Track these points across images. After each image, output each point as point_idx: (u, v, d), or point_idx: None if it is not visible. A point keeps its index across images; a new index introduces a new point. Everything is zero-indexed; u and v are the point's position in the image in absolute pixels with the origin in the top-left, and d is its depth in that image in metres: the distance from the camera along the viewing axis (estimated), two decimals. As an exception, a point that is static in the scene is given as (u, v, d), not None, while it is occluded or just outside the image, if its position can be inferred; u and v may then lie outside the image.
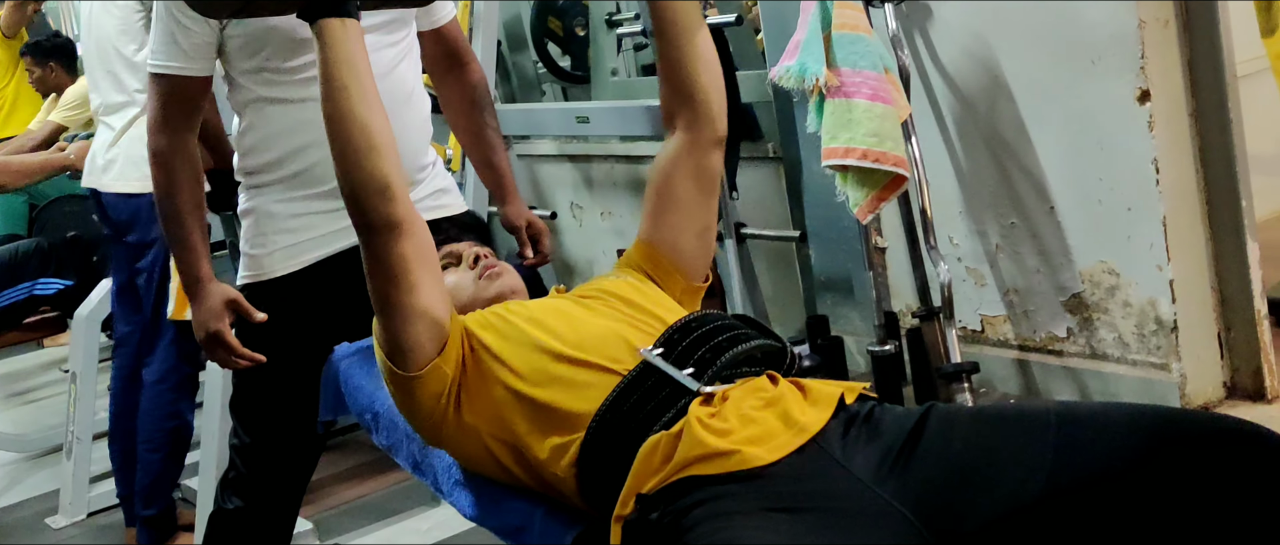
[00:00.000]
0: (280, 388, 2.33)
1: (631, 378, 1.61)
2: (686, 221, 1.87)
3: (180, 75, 2.18)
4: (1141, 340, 2.97)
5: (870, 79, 2.89)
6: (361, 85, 1.68)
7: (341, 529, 3.47)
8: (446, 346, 1.67)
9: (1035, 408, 1.49)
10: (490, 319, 1.76)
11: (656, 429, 1.55)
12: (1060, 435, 1.41)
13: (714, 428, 1.51)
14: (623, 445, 1.56)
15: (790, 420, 1.53)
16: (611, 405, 1.59)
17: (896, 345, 3.22)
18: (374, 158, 1.66)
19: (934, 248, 3.11)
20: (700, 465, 1.49)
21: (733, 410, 1.54)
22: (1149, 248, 2.89)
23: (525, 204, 2.55)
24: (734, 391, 1.58)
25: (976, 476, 1.42)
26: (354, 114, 1.66)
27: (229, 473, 2.43)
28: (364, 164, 1.65)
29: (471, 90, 2.48)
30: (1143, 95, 2.81)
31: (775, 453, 1.49)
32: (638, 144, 4.36)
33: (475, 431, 1.68)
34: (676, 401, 1.57)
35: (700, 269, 1.91)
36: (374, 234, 1.66)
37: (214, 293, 2.22)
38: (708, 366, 1.61)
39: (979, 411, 1.55)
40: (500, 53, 4.71)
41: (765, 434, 1.51)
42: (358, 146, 1.66)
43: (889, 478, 1.45)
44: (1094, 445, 1.39)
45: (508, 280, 1.94)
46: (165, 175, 2.22)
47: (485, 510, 1.79)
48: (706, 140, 1.86)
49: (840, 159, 2.89)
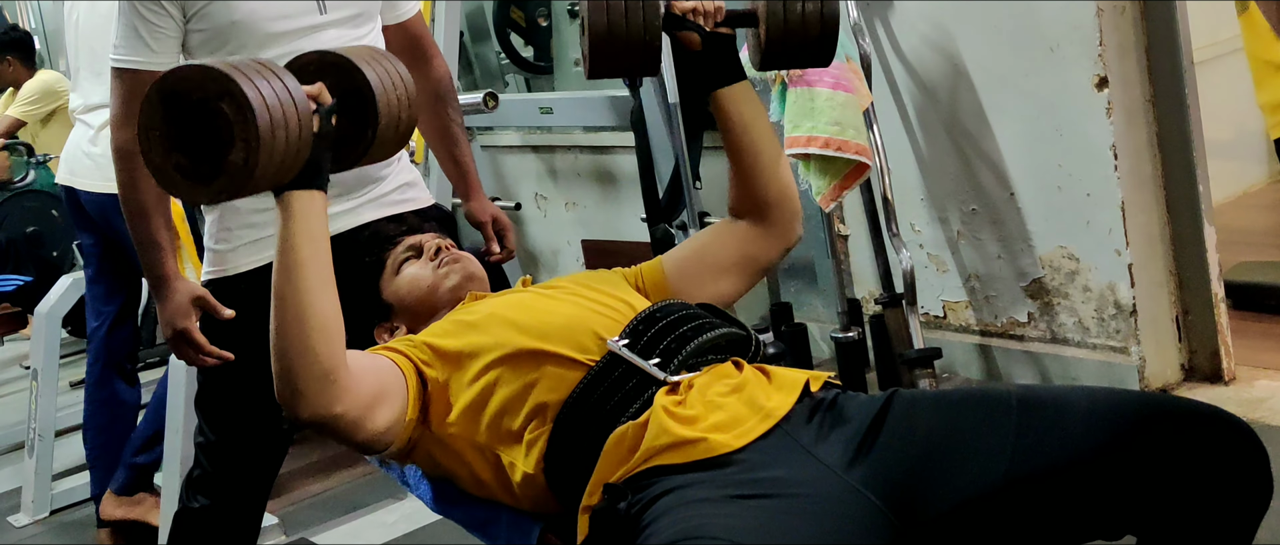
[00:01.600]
0: (245, 384, 2.31)
1: (598, 369, 1.61)
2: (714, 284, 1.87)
3: (143, 70, 2.16)
4: (1101, 324, 3.00)
5: (832, 67, 2.90)
6: (321, 261, 1.56)
7: (307, 523, 3.46)
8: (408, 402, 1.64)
9: (996, 392, 1.50)
10: (449, 328, 1.74)
11: (624, 420, 1.55)
12: (1022, 419, 1.43)
13: (680, 416, 1.52)
14: (590, 437, 1.56)
15: (756, 406, 1.54)
16: (579, 397, 1.59)
17: (860, 331, 3.24)
18: (323, 340, 1.52)
19: (896, 235, 3.13)
20: (667, 454, 1.49)
21: (699, 397, 1.55)
22: (1108, 233, 2.92)
23: (489, 199, 2.54)
24: (700, 379, 1.58)
25: (940, 461, 1.43)
26: (310, 290, 1.53)
27: (194, 471, 2.41)
28: (312, 345, 1.52)
29: (436, 84, 2.47)
30: (1100, 82, 2.84)
31: (742, 439, 1.50)
32: (601, 134, 4.36)
33: (443, 443, 1.67)
34: (644, 392, 1.57)
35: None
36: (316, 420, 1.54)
37: (180, 290, 2.21)
38: (674, 356, 1.61)
39: (941, 396, 1.56)
40: (463, 43, 4.70)
41: (731, 420, 1.52)
42: (309, 325, 1.52)
43: (855, 464, 1.46)
44: (1055, 428, 1.41)
45: (466, 266, 1.93)
46: (128, 172, 2.20)
47: (451, 503, 1.79)
48: (776, 243, 1.87)
49: (803, 147, 2.91)
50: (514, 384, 1.63)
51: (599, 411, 1.57)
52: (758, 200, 1.84)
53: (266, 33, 2.14)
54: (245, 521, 2.44)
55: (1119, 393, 1.49)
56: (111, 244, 3.36)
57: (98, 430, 3.50)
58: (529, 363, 1.63)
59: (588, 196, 4.58)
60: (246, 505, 2.43)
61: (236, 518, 2.42)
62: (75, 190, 3.35)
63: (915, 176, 3.29)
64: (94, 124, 3.29)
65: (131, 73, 2.16)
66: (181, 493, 2.44)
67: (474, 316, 1.74)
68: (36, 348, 3.85)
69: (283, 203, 1.56)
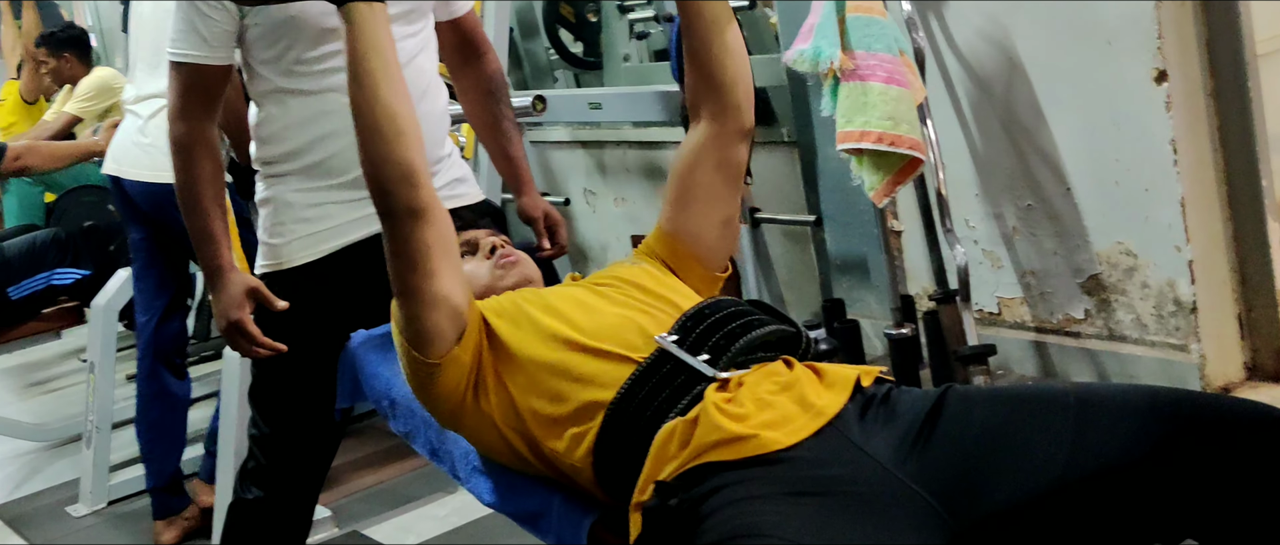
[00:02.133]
0: (298, 377, 2.34)
1: (647, 365, 1.60)
2: (709, 212, 1.87)
3: (200, 64, 2.18)
4: (1160, 321, 2.96)
5: (885, 62, 2.88)
6: (388, 71, 1.67)
7: (359, 516, 3.48)
8: (465, 335, 1.67)
9: (1054, 389, 1.48)
10: (505, 306, 1.76)
11: (672, 416, 1.54)
12: (1080, 417, 1.41)
13: (730, 413, 1.51)
14: (639, 433, 1.55)
15: (806, 404, 1.53)
16: (627, 393, 1.59)
17: (913, 328, 3.22)
18: (400, 144, 1.65)
19: (950, 230, 3.10)
20: (717, 451, 1.48)
21: (748, 395, 1.54)
22: (1167, 228, 2.88)
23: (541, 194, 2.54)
24: (749, 377, 1.57)
25: (995, 458, 1.41)
26: (381, 99, 1.66)
27: (248, 463, 2.43)
28: (390, 150, 1.65)
29: (488, 81, 2.48)
30: (1160, 75, 2.80)
31: (792, 436, 1.49)
32: (651, 130, 4.36)
33: (491, 420, 1.68)
34: (692, 388, 1.57)
35: (720, 259, 1.90)
36: (397, 220, 1.66)
37: (235, 282, 2.23)
38: (722, 352, 1.60)
39: (997, 392, 1.54)
40: (512, 40, 4.71)
41: (782, 418, 1.51)
42: (384, 133, 1.65)
43: (908, 460, 1.44)
44: (1115, 428, 1.39)
45: (524, 269, 1.94)
46: (185, 164, 2.22)
47: (503, 496, 1.80)
48: (733, 131, 1.85)
49: (855, 142, 2.89)
50: (563, 380, 1.63)
51: (648, 407, 1.57)
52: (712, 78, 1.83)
53: (320, 28, 2.16)
54: (298, 513, 2.46)
55: (1181, 392, 1.46)
56: (161, 236, 3.37)
57: (150, 424, 3.53)
58: (579, 359, 1.63)
59: (636, 192, 4.57)
60: (299, 497, 2.45)
61: (289, 509, 2.44)
62: (122, 181, 3.36)
63: (970, 171, 3.26)
64: (144, 114, 3.30)
65: (189, 67, 2.18)
66: (235, 484, 2.46)
67: (526, 309, 1.74)
68: (93, 341, 3.90)
69: (345, 14, 1.67)
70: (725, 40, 1.83)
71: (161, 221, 3.31)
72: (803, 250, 4.00)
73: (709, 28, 1.82)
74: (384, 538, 3.34)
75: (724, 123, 1.85)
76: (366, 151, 1.67)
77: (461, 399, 1.68)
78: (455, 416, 1.71)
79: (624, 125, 4.47)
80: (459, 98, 2.53)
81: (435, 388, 1.68)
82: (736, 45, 1.85)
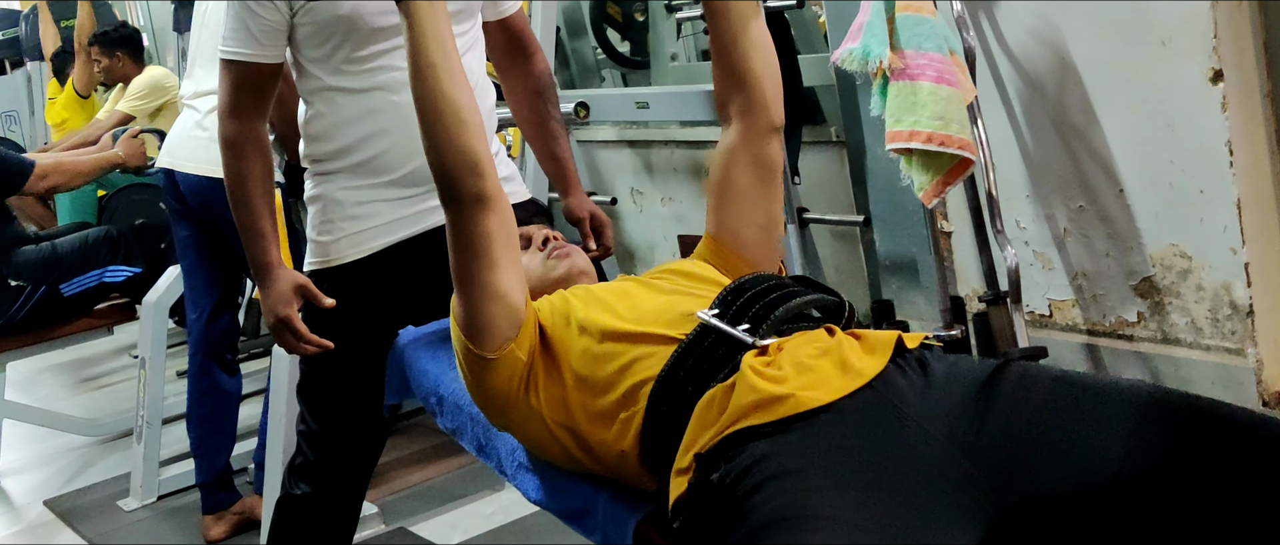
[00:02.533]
0: (346, 374, 2.35)
1: (689, 341, 1.60)
2: (749, 213, 1.86)
3: (251, 62, 2.19)
4: (1215, 325, 2.91)
5: (935, 61, 2.85)
6: (449, 62, 1.69)
7: (406, 513, 3.50)
8: (521, 331, 1.67)
9: (1123, 384, 1.45)
10: (555, 303, 1.76)
11: (713, 385, 1.54)
12: (1144, 416, 1.38)
13: (767, 375, 1.49)
14: (683, 408, 1.54)
15: (846, 366, 1.51)
16: (670, 370, 1.58)
17: (963, 330, 3.18)
18: (464, 132, 1.67)
19: (1001, 231, 3.07)
20: (754, 414, 1.46)
21: (788, 359, 1.52)
22: (1222, 231, 2.83)
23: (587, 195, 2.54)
24: (789, 342, 1.56)
25: (1051, 440, 1.38)
26: (444, 91, 1.67)
27: (296, 459, 2.45)
28: (454, 140, 1.66)
29: (536, 81, 2.48)
30: (1215, 75, 2.76)
31: (830, 394, 1.46)
32: (698, 129, 4.35)
33: (541, 416, 1.68)
34: (733, 357, 1.56)
35: (769, 261, 1.88)
36: (462, 208, 1.66)
37: (283, 278, 2.24)
38: (762, 321, 1.59)
39: (1064, 375, 1.49)
40: (559, 39, 4.72)
41: (820, 380, 1.48)
42: (447, 122, 1.67)
43: (954, 429, 1.41)
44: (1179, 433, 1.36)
45: (576, 261, 1.95)
46: (235, 161, 2.24)
47: (549, 494, 1.80)
48: (762, 128, 1.84)
49: (905, 142, 2.86)
50: (609, 370, 1.63)
51: (691, 381, 1.56)
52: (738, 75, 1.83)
53: (371, 27, 2.17)
54: (345, 509, 2.47)
55: (1257, 415, 1.42)
56: (211, 233, 3.39)
57: (201, 420, 3.56)
58: (624, 345, 1.63)
59: (684, 191, 4.56)
60: (347, 493, 2.46)
61: (337, 505, 2.45)
62: (175, 174, 3.39)
63: (1021, 172, 3.22)
64: (202, 108, 3.33)
65: (240, 64, 2.20)
66: (284, 480, 2.47)
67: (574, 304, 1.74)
68: (144, 337, 3.95)
69: (406, 10, 1.69)
70: (751, 35, 1.82)
71: (210, 219, 3.34)
72: (851, 251, 3.98)
73: (734, 23, 1.82)
74: (430, 535, 3.36)
75: (754, 120, 1.84)
76: (431, 141, 1.68)
77: (514, 395, 1.68)
78: (506, 413, 1.71)
79: (671, 124, 4.47)
80: (506, 98, 2.54)
81: (489, 382, 1.68)
82: (762, 40, 1.84)
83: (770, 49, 1.85)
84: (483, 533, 3.30)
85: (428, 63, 1.67)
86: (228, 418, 3.59)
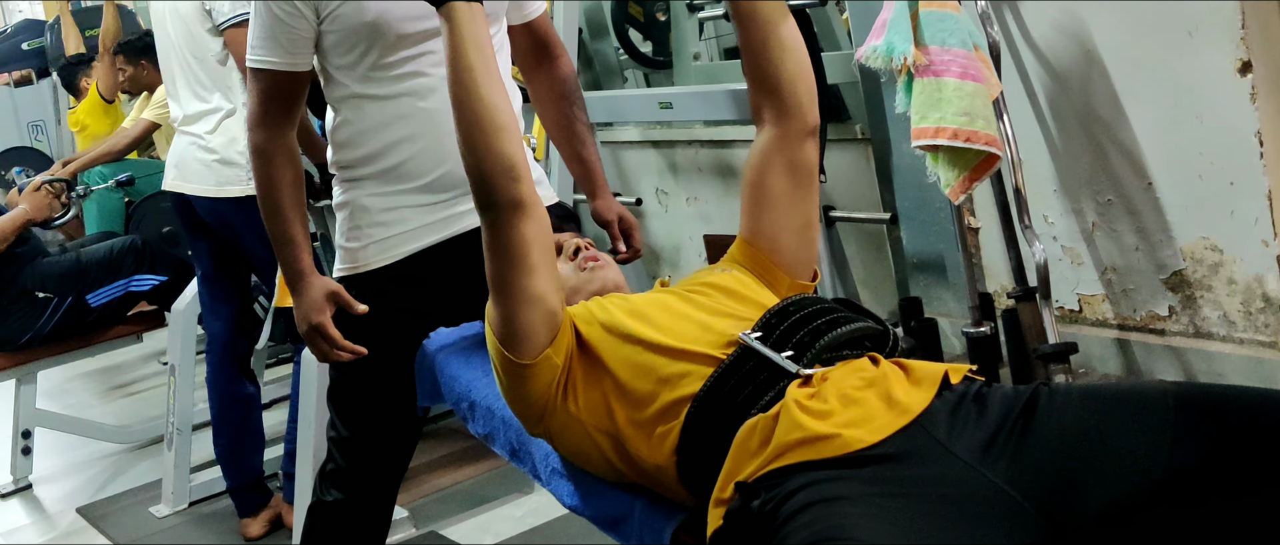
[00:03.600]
0: (376, 379, 2.36)
1: (730, 362, 1.59)
2: (784, 218, 1.84)
3: (280, 70, 2.20)
4: (1248, 318, 2.89)
5: (959, 57, 2.84)
6: (487, 66, 1.69)
7: (437, 516, 3.51)
8: (558, 337, 1.67)
9: (1151, 388, 1.44)
10: (594, 311, 1.75)
11: (755, 412, 1.53)
12: (1178, 417, 1.37)
13: (813, 410, 1.49)
14: (722, 429, 1.54)
15: (892, 401, 1.50)
16: (710, 390, 1.57)
17: (992, 326, 3.17)
18: (501, 137, 1.67)
19: (1028, 227, 3.06)
20: (799, 451, 1.46)
21: (832, 391, 1.51)
22: (1254, 223, 2.81)
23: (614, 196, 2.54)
24: (834, 372, 1.55)
25: (1091, 460, 1.38)
26: (481, 95, 1.67)
27: (327, 465, 2.45)
28: (491, 144, 1.66)
29: (561, 84, 2.48)
30: (1244, 66, 2.73)
31: (876, 434, 1.46)
32: (722, 128, 4.34)
33: (579, 423, 1.67)
34: (775, 384, 1.55)
35: (804, 266, 1.87)
36: (498, 213, 1.66)
37: (315, 286, 2.25)
38: (807, 349, 1.58)
39: (1090, 390, 1.49)
40: (582, 40, 4.72)
41: (866, 416, 1.48)
42: (484, 127, 1.67)
43: (998, 460, 1.41)
44: (1215, 429, 1.35)
45: (609, 274, 1.94)
46: (265, 170, 2.25)
47: (584, 499, 1.79)
48: (797, 132, 1.83)
49: (930, 139, 2.85)
50: (649, 381, 1.62)
51: (730, 404, 1.56)
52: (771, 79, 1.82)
53: (398, 34, 2.17)
54: (377, 514, 2.48)
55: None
56: (225, 247, 3.44)
57: (231, 427, 3.59)
58: (665, 359, 1.63)
59: (709, 191, 4.56)
60: (378, 498, 2.47)
61: (368, 510, 2.46)
62: (186, 196, 3.43)
63: (1048, 167, 3.21)
64: (201, 131, 3.36)
65: (268, 73, 2.21)
66: (315, 486, 2.48)
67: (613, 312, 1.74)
68: (173, 344, 3.97)
69: (445, 13, 1.70)
70: (781, 38, 1.80)
71: (227, 236, 3.38)
72: (878, 248, 3.96)
73: (763, 27, 1.80)
74: (461, 538, 3.36)
75: (788, 123, 1.83)
76: (468, 145, 1.68)
77: (551, 402, 1.68)
78: (544, 420, 1.71)
79: (695, 124, 4.46)
80: (532, 100, 2.54)
81: (526, 389, 1.68)
82: (794, 42, 1.82)
83: (802, 50, 1.83)
84: (513, 536, 3.30)
85: (467, 66, 1.67)
86: (254, 422, 3.64)
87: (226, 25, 3.22)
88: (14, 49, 7.48)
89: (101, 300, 4.17)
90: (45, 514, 4.25)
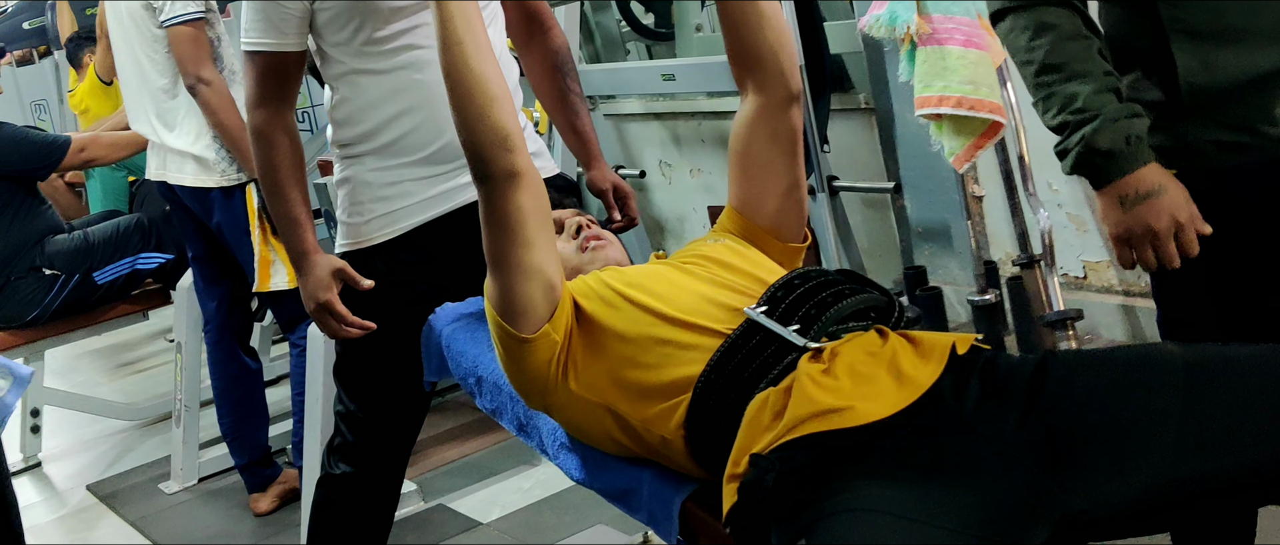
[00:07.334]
0: (381, 353, 2.36)
1: (736, 336, 1.59)
2: (772, 184, 1.85)
3: (275, 51, 2.20)
4: (1252, 283, 2.88)
5: (963, 24, 2.83)
6: (477, 38, 1.68)
7: (445, 489, 3.52)
8: (557, 312, 1.67)
9: (1160, 352, 1.44)
10: (593, 286, 1.75)
11: (764, 386, 1.53)
12: (1189, 380, 1.38)
13: (825, 385, 1.49)
14: (731, 404, 1.54)
15: (902, 375, 1.50)
16: (717, 364, 1.57)
17: (997, 294, 3.17)
18: (494, 108, 1.66)
19: (1033, 194, 3.05)
20: (813, 423, 1.46)
21: (843, 366, 1.52)
22: (1259, 188, 2.80)
23: (610, 167, 2.54)
24: (843, 347, 1.55)
25: (1102, 426, 1.38)
26: (472, 66, 1.66)
27: (335, 439, 2.46)
28: (484, 116, 1.66)
29: (554, 56, 2.48)
30: (1250, 30, 2.72)
31: (888, 408, 1.46)
32: (724, 100, 4.33)
33: (582, 399, 1.67)
34: (783, 358, 1.55)
35: (794, 229, 1.88)
36: (494, 185, 1.66)
37: (321, 264, 2.25)
38: (813, 322, 1.58)
39: (1099, 357, 1.49)
40: (583, 13, 4.70)
41: (877, 390, 1.48)
42: (476, 98, 1.66)
43: (1012, 432, 1.41)
44: (1226, 390, 1.36)
45: (610, 252, 1.93)
46: (264, 152, 2.24)
47: (592, 473, 1.79)
48: (778, 99, 1.83)
49: (934, 108, 2.84)
50: (653, 355, 1.62)
51: (738, 378, 1.56)
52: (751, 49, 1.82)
53: (391, 8, 2.17)
54: (386, 487, 2.49)
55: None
56: (209, 233, 3.44)
57: (237, 404, 3.61)
58: (669, 329, 1.63)
59: (712, 163, 4.55)
60: (387, 472, 2.48)
61: (377, 484, 2.47)
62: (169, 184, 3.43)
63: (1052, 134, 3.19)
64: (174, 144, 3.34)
65: (264, 55, 2.20)
66: (323, 460, 2.49)
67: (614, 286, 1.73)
68: (180, 322, 3.97)
69: None
70: (759, 9, 1.81)
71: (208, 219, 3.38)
72: (883, 218, 3.96)
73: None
74: (469, 510, 3.38)
75: (771, 92, 1.83)
76: (461, 117, 1.67)
77: (552, 377, 1.68)
78: (545, 396, 1.71)
79: (698, 96, 4.45)
80: (526, 72, 2.54)
81: (528, 364, 1.68)
82: (772, 11, 1.83)
83: (780, 18, 1.84)
84: (521, 508, 3.31)
85: (457, 39, 1.67)
86: (259, 398, 3.65)
87: (169, 23, 3.17)
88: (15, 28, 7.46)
89: (108, 278, 4.18)
90: (55, 491, 4.27)
